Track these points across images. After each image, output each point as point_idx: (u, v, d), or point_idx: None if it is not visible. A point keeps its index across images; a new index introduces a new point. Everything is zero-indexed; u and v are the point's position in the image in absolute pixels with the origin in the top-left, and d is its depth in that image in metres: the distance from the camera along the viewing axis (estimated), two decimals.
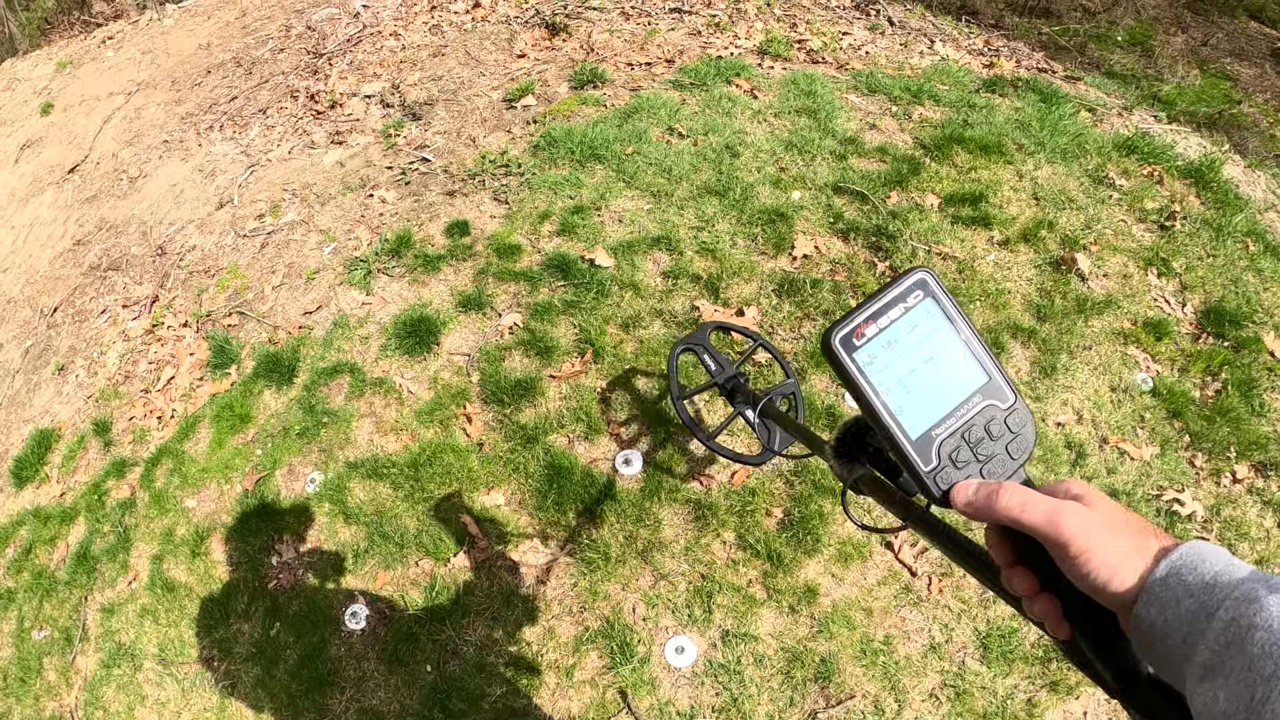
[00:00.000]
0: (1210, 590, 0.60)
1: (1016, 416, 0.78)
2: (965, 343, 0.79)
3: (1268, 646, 0.52)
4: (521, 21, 5.89)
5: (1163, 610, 0.61)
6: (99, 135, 6.36)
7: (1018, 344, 3.39)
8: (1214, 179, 4.22)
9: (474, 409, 3.35)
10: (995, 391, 0.79)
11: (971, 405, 0.78)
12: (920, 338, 0.78)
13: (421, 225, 4.16)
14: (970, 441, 0.77)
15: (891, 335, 0.78)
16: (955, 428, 0.78)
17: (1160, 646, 0.62)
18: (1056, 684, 2.62)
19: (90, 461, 3.87)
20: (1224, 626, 0.56)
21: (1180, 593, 0.61)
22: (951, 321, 0.79)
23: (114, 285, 4.81)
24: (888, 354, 0.78)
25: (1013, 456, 0.78)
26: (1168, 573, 0.63)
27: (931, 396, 0.78)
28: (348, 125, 5.24)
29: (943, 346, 0.79)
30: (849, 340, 0.77)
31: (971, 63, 5.31)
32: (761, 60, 5.12)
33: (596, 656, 2.75)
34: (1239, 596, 0.57)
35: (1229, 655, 0.55)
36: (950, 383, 0.79)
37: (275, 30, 6.86)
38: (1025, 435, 0.78)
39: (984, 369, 0.79)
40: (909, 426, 0.77)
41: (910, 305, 0.78)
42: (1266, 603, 0.54)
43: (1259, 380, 3.37)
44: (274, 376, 3.71)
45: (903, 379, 0.78)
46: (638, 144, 4.32)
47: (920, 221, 3.78)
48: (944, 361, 0.79)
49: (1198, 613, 0.59)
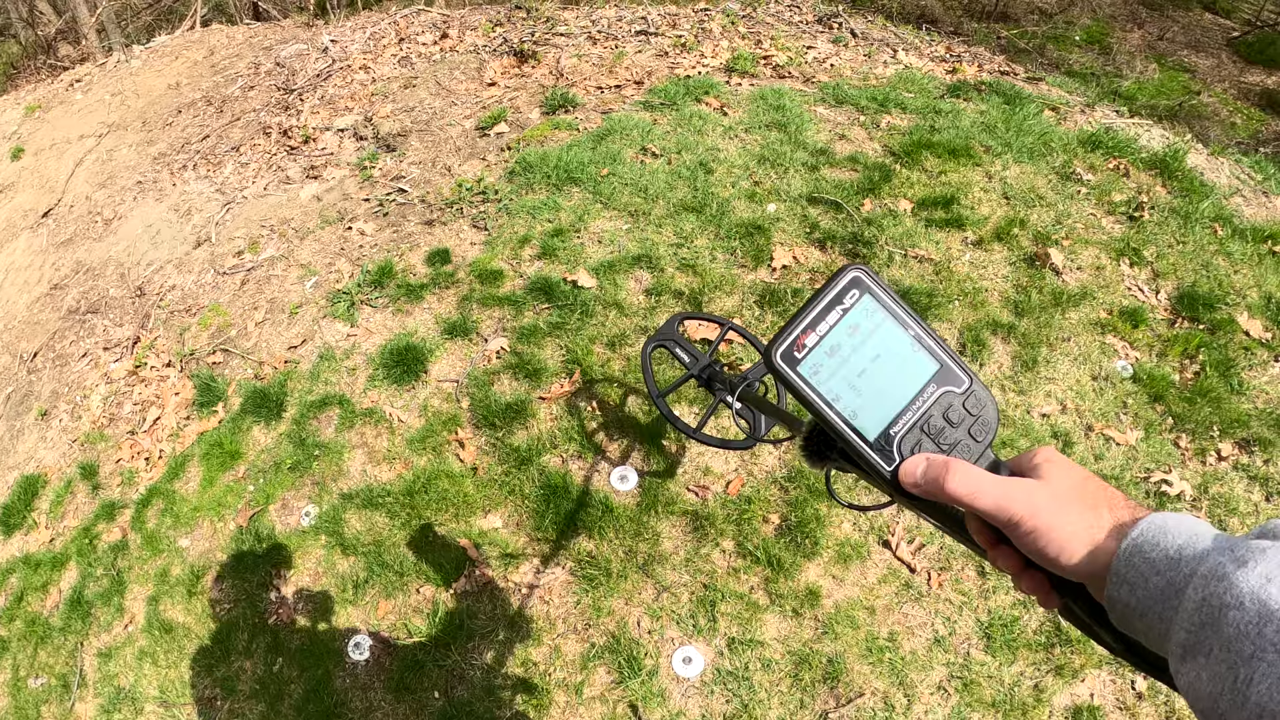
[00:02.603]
0: (1176, 565, 0.59)
1: (974, 399, 0.77)
2: (910, 334, 0.77)
3: (1243, 626, 0.52)
4: (490, 50, 5.94)
5: (1132, 590, 0.61)
6: (71, 178, 6.33)
7: (998, 340, 3.45)
8: (1179, 168, 4.32)
9: (466, 434, 3.36)
10: (949, 377, 0.77)
11: (926, 396, 0.77)
12: (863, 337, 0.76)
13: (402, 255, 4.17)
14: (931, 432, 0.76)
15: (833, 341, 0.76)
16: (913, 421, 0.76)
17: (1138, 624, 0.62)
18: (1062, 668, 2.65)
19: (79, 506, 3.84)
20: (1195, 607, 0.56)
21: (1146, 570, 0.61)
22: (893, 315, 0.77)
23: (94, 328, 4.78)
24: (833, 360, 0.76)
25: (976, 439, 0.77)
26: (1130, 550, 0.62)
27: (884, 394, 0.76)
28: (322, 159, 5.25)
29: (888, 342, 0.77)
30: (790, 354, 0.75)
31: (935, 69, 5.41)
32: (729, 77, 5.19)
33: (604, 672, 2.75)
34: (1206, 573, 0.56)
35: (1205, 636, 0.55)
36: (901, 377, 0.77)
37: (244, 68, 6.87)
38: (986, 416, 0.77)
39: (933, 356, 0.77)
40: (865, 429, 0.76)
41: (848, 306, 0.76)
42: (1235, 579, 0.54)
43: (1236, 359, 3.44)
44: (262, 412, 3.70)
45: (852, 382, 0.76)
46: (612, 165, 4.36)
47: (894, 227, 3.84)
48: (891, 357, 0.77)
49: (1166, 590, 0.59)
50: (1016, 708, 2.61)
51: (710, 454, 3.15)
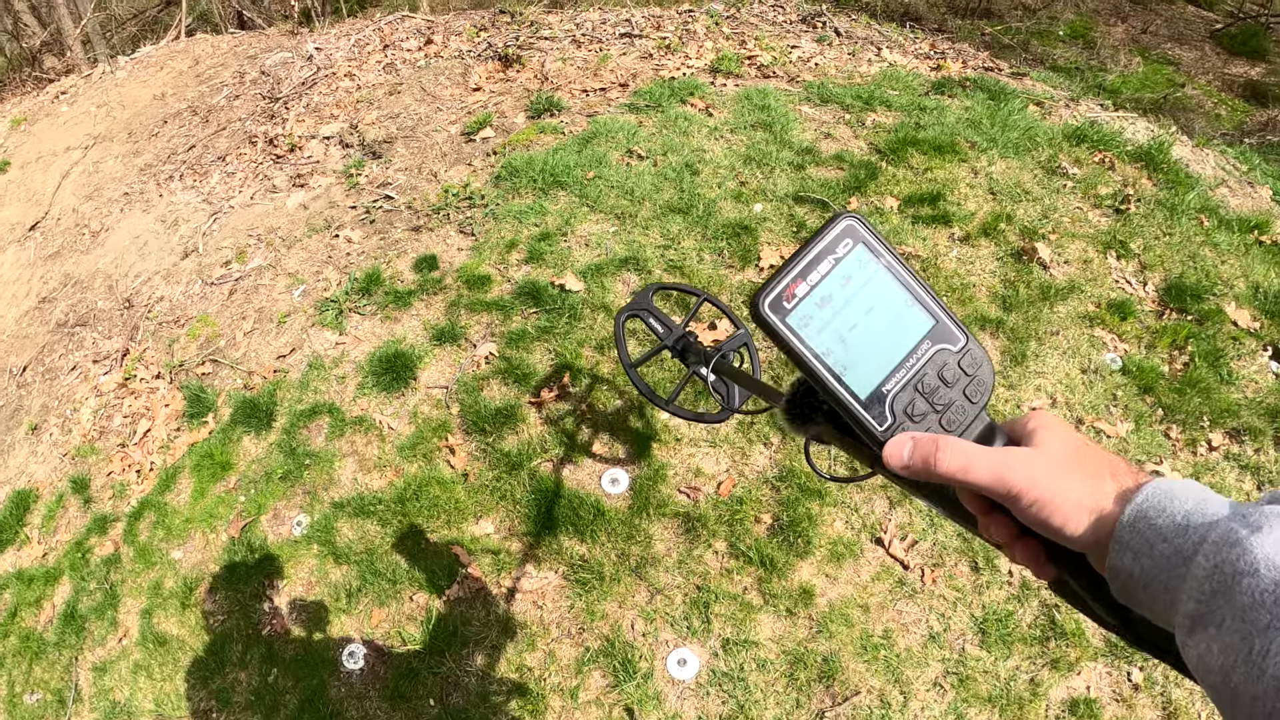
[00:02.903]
0: (1183, 532, 0.56)
1: (970, 358, 0.73)
2: (906, 287, 0.72)
3: (1259, 594, 0.49)
4: (474, 55, 5.94)
5: (1137, 558, 0.58)
6: (58, 191, 6.31)
7: (986, 335, 3.46)
8: (1164, 160, 4.34)
9: (456, 440, 3.36)
10: (944, 335, 0.73)
11: (921, 353, 0.72)
12: (856, 289, 0.71)
13: (389, 262, 4.16)
14: (925, 391, 0.72)
15: (825, 291, 0.70)
16: (907, 379, 0.71)
17: (1141, 594, 0.59)
18: (1057, 661, 2.66)
19: (71, 520, 3.82)
20: (1206, 574, 0.53)
21: (1152, 538, 0.57)
22: (888, 267, 0.72)
23: (83, 341, 4.77)
24: (823, 312, 0.70)
25: (971, 400, 0.72)
26: (1135, 517, 0.59)
27: (877, 350, 0.71)
28: (308, 167, 5.24)
29: (882, 295, 0.72)
30: (779, 303, 0.70)
31: (919, 67, 5.42)
32: (714, 78, 5.19)
33: (599, 676, 2.75)
34: (1217, 539, 0.53)
35: (1216, 605, 0.51)
36: (895, 332, 0.72)
37: (229, 77, 6.86)
38: (982, 376, 0.73)
39: (929, 312, 0.73)
40: (857, 386, 0.71)
41: (840, 256, 0.71)
42: (1249, 545, 0.51)
43: (1225, 350, 3.46)
44: (252, 422, 3.69)
45: (843, 336, 0.71)
46: (598, 168, 4.36)
47: (882, 224, 3.85)
48: (885, 311, 0.72)
49: (1173, 558, 0.56)
50: (1013, 702, 2.62)
51: (701, 455, 3.15)
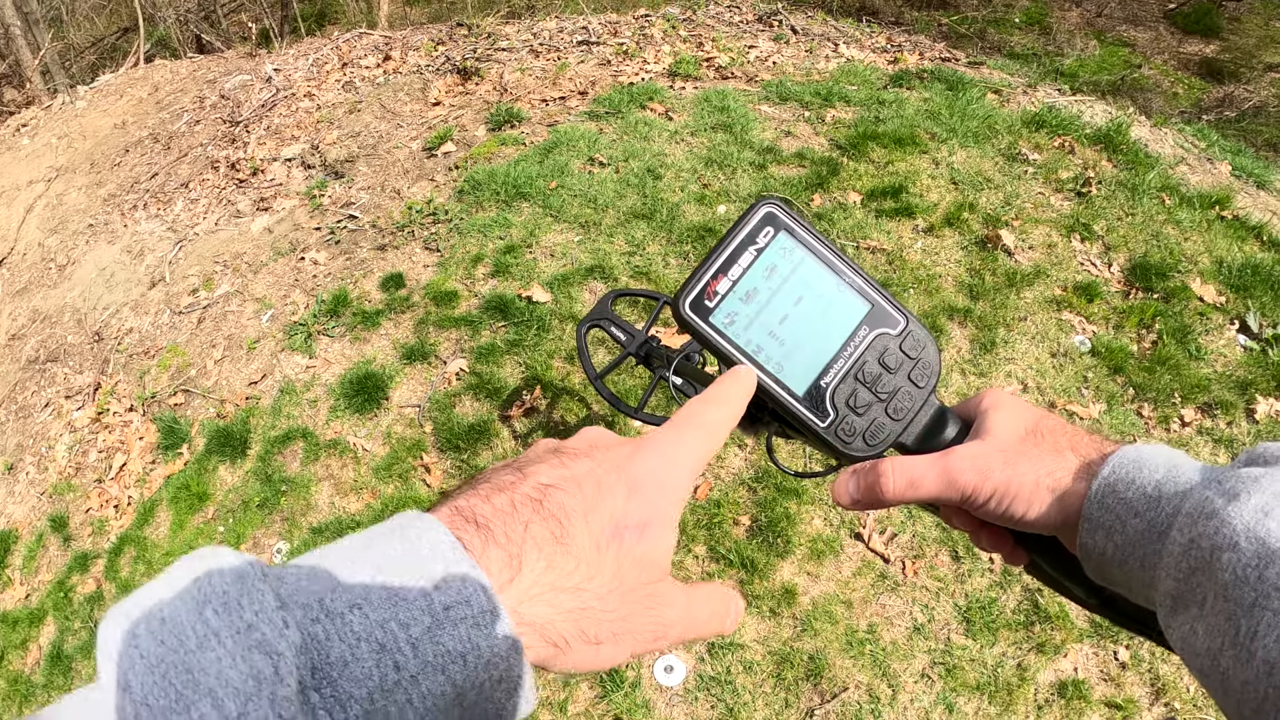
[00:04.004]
0: (1155, 504, 0.52)
1: (911, 339, 0.69)
2: (835, 272, 0.68)
3: (1240, 570, 0.45)
4: (433, 70, 5.92)
5: (1109, 535, 0.54)
6: (23, 225, 6.25)
7: (955, 324, 3.48)
8: (1123, 142, 4.38)
9: (431, 459, 3.34)
10: (882, 318, 0.68)
11: (859, 340, 0.68)
12: (782, 279, 0.67)
13: (356, 283, 4.14)
14: (866, 380, 0.68)
15: (748, 284, 0.66)
16: (846, 369, 0.68)
17: (1117, 573, 0.55)
18: (1043, 645, 2.67)
19: (52, 559, 3.78)
20: (1183, 551, 0.49)
21: (1122, 513, 0.54)
22: (814, 252, 0.67)
23: (54, 377, 4.71)
24: (749, 307, 0.66)
25: (917, 385, 0.69)
26: (1103, 492, 0.55)
27: (811, 342, 0.67)
28: (271, 190, 5.21)
29: (810, 283, 0.67)
30: (700, 303, 0.66)
31: (876, 61, 5.46)
32: (673, 82, 5.20)
33: (587, 688, 2.74)
34: (1191, 510, 0.50)
35: (1197, 583, 0.48)
36: (828, 321, 0.68)
37: (189, 102, 6.81)
38: (927, 358, 0.69)
39: (863, 296, 0.68)
40: (793, 383, 0.67)
41: (762, 245, 0.66)
42: (1226, 515, 0.47)
43: (1192, 326, 3.49)
44: (227, 451, 3.66)
45: (773, 330, 0.67)
46: (560, 178, 4.36)
47: (845, 219, 3.86)
48: (816, 299, 0.67)
49: (1147, 533, 0.52)
50: (1001, 688, 2.63)
51: None
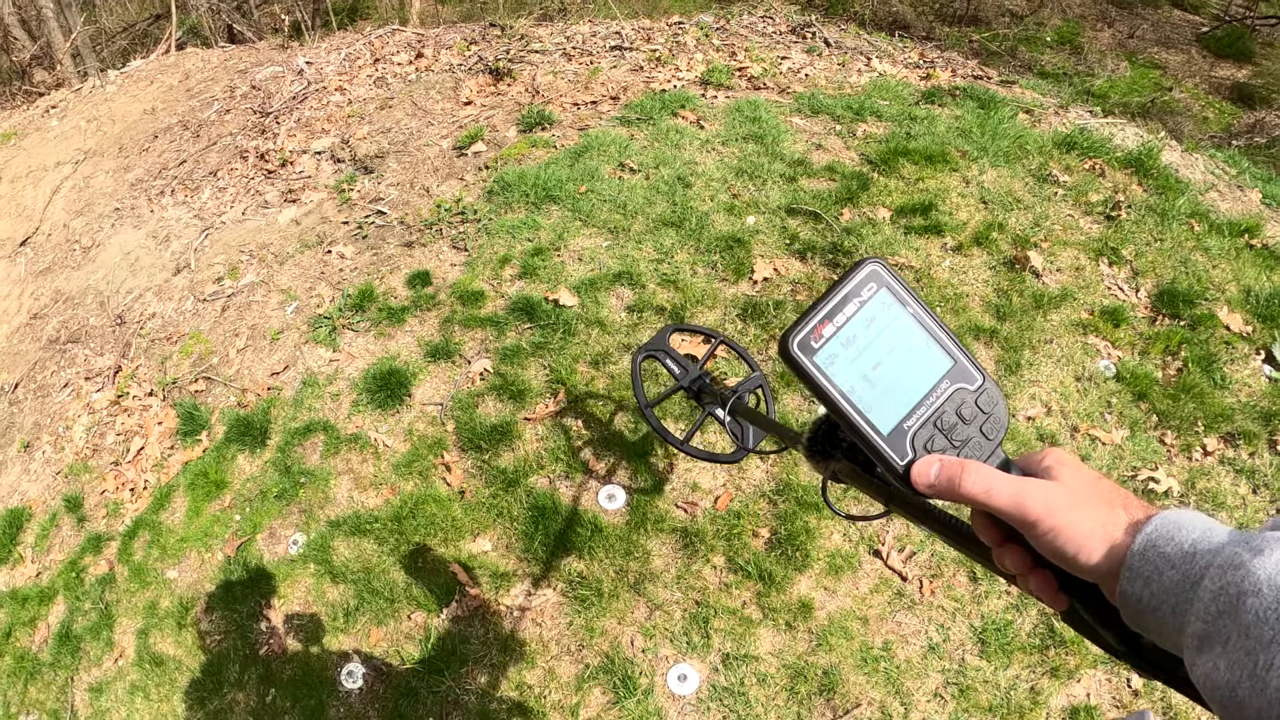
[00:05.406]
0: (1191, 559, 0.60)
1: (986, 396, 0.77)
2: (925, 329, 0.77)
3: (1262, 612, 0.52)
4: (465, 69, 5.94)
5: (1146, 584, 0.61)
6: (49, 206, 6.29)
7: (980, 344, 3.47)
8: (1154, 166, 4.36)
9: (452, 457, 3.35)
10: (962, 374, 0.77)
11: (940, 391, 0.77)
12: (879, 330, 0.76)
13: (382, 278, 4.16)
14: (944, 428, 0.76)
15: (850, 332, 0.76)
16: (927, 416, 0.76)
17: (1150, 619, 0.62)
18: (1057, 669, 2.66)
19: (64, 539, 3.80)
20: (1212, 596, 0.56)
21: (1161, 565, 0.61)
22: (909, 309, 0.77)
23: (75, 358, 4.75)
24: (848, 351, 0.75)
25: (988, 437, 0.77)
26: (1145, 546, 0.63)
27: (899, 388, 0.76)
28: (300, 183, 5.23)
29: (903, 336, 0.77)
30: (807, 343, 0.75)
31: (909, 76, 5.45)
32: (705, 90, 5.21)
33: (600, 693, 2.74)
34: (1223, 563, 0.57)
35: (1223, 624, 0.54)
36: (916, 371, 0.77)
37: (220, 91, 6.85)
38: (998, 414, 0.77)
39: (948, 353, 0.78)
40: (880, 422, 0.75)
41: (865, 299, 0.76)
42: (1252, 567, 0.54)
43: (1218, 354, 3.47)
44: (246, 440, 3.68)
45: (867, 374, 0.76)
46: (590, 182, 4.36)
47: (874, 235, 3.86)
48: (907, 351, 0.77)
49: (1181, 583, 0.59)
50: (1014, 711, 2.62)
51: (698, 470, 3.15)
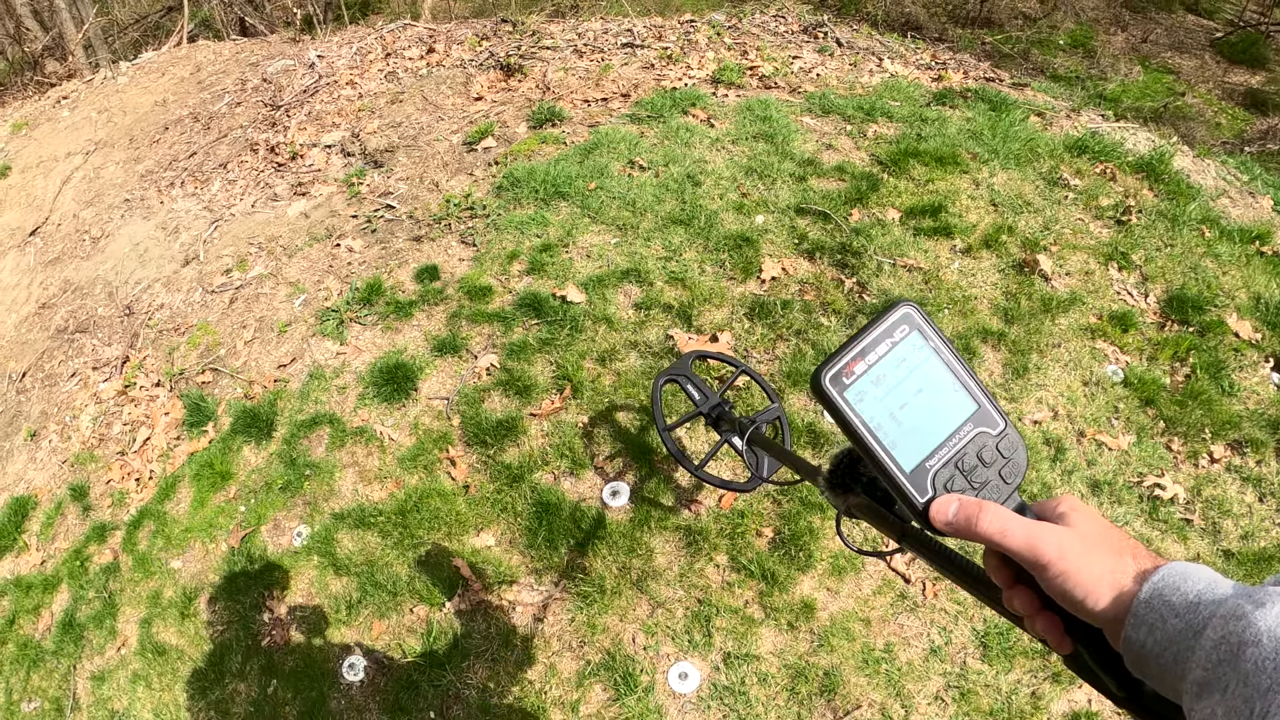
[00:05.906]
0: (1195, 609, 0.62)
1: (1007, 441, 0.80)
2: (953, 373, 0.81)
3: (1261, 661, 0.54)
4: (476, 64, 5.94)
5: (1150, 632, 0.63)
6: (59, 196, 6.31)
7: (988, 348, 3.46)
8: (1165, 171, 4.34)
9: (457, 452, 3.35)
10: (985, 419, 0.80)
11: (963, 434, 0.79)
12: (909, 371, 0.79)
13: (391, 272, 4.16)
14: (964, 470, 0.79)
15: (880, 371, 0.79)
16: (948, 457, 0.79)
17: (1153, 666, 0.64)
18: (1059, 675, 2.65)
19: (69, 527, 3.82)
20: (1214, 645, 0.58)
21: (1165, 613, 0.63)
22: (938, 353, 0.81)
23: (83, 347, 4.76)
24: (878, 389, 0.79)
25: (1006, 481, 0.79)
26: (1151, 594, 0.65)
27: (923, 428, 0.79)
28: (309, 176, 5.24)
29: (931, 378, 0.80)
30: (839, 378, 0.78)
31: (920, 77, 5.43)
32: (716, 89, 5.20)
33: (600, 690, 2.74)
34: (1225, 614, 0.59)
35: (1223, 672, 0.56)
36: (941, 413, 0.80)
37: (231, 84, 6.86)
38: (1017, 459, 0.80)
39: (973, 397, 0.81)
40: (903, 460, 0.78)
41: (897, 340, 0.79)
42: (1254, 619, 0.56)
43: (1226, 361, 3.46)
44: (252, 432, 3.68)
45: (894, 413, 0.79)
46: (600, 179, 4.36)
47: (883, 236, 3.85)
48: (934, 393, 0.80)
49: (1185, 632, 0.61)
50: (1015, 716, 2.61)
51: None
